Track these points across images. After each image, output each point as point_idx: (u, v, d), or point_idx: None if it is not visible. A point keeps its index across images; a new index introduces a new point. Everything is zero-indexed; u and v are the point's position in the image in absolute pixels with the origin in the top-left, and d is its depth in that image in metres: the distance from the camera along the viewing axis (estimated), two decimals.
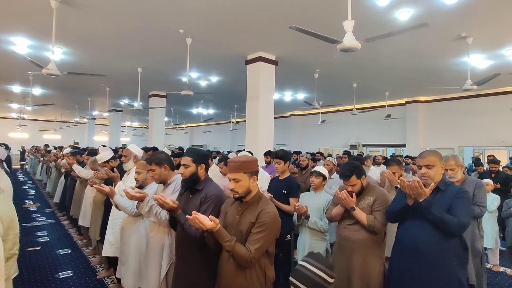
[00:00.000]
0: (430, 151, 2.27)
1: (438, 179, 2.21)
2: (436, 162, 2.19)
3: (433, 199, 2.15)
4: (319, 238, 2.94)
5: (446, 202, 2.13)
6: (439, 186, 2.19)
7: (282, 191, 3.37)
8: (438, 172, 2.19)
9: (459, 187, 2.18)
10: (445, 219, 2.01)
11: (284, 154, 3.44)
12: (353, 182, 2.52)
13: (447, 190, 2.18)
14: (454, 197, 2.12)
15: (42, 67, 4.65)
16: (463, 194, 2.13)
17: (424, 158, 2.21)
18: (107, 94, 10.67)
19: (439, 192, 2.19)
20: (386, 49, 6.47)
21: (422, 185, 2.04)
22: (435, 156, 2.20)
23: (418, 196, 2.05)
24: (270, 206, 1.85)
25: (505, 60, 6.86)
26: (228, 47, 6.50)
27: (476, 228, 3.06)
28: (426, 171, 2.18)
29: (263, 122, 6.72)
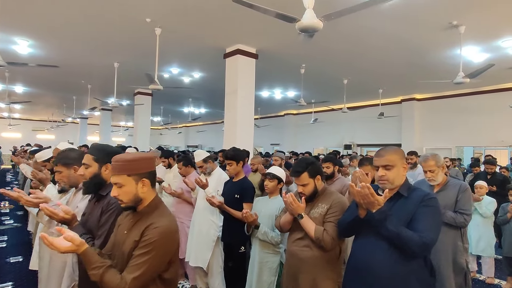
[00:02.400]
0: (389, 148, 1.81)
1: (399, 182, 1.75)
2: (397, 161, 1.74)
3: (391, 208, 1.70)
4: (270, 251, 2.48)
5: (408, 211, 1.68)
6: (400, 192, 1.74)
7: (235, 195, 2.93)
8: (400, 174, 1.74)
9: (425, 193, 1.73)
10: (403, 235, 1.56)
11: (236, 154, 2.99)
12: (304, 181, 2.08)
13: (411, 196, 1.72)
14: (418, 206, 1.66)
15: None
16: (430, 202, 1.67)
17: (382, 157, 1.76)
18: (88, 91, 10.25)
19: (400, 199, 1.74)
20: (373, 42, 6.00)
21: (374, 191, 1.58)
22: (395, 154, 1.75)
23: (370, 205, 1.60)
24: (164, 219, 1.39)
25: (503, 53, 6.37)
26: (204, 39, 6.06)
27: (459, 239, 2.58)
28: (384, 173, 1.73)
29: (241, 120, 6.26)
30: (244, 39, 6.07)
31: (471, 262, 4.30)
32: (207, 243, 3.18)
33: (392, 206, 1.72)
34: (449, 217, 2.53)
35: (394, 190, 1.75)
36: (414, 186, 1.82)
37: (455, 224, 2.52)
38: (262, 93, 11.32)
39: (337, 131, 14.13)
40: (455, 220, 2.51)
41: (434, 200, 1.68)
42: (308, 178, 2.08)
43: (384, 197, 1.60)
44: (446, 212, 2.55)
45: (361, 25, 5.32)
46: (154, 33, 5.48)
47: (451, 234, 2.56)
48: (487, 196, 4.20)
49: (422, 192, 1.73)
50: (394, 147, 1.83)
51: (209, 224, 3.19)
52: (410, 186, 1.78)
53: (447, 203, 2.60)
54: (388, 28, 5.35)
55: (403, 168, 1.76)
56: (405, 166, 1.78)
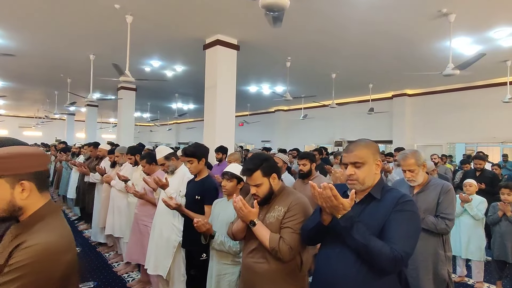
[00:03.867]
0: (360, 141, 1.51)
1: (371, 182, 1.46)
2: (368, 157, 1.45)
3: (361, 213, 1.42)
4: (229, 262, 2.16)
5: (380, 217, 1.38)
6: (371, 194, 1.45)
7: (195, 196, 2.62)
8: (371, 172, 1.45)
9: (400, 195, 1.43)
10: (372, 247, 1.28)
11: (196, 150, 2.66)
12: (256, 181, 1.77)
13: (384, 199, 1.43)
14: (391, 211, 1.37)
15: None
16: (405, 206, 1.37)
17: (351, 152, 1.46)
18: (68, 86, 9.84)
19: (371, 203, 1.44)
20: (360, 33, 5.70)
21: (337, 193, 1.28)
22: (366, 149, 1.46)
23: (334, 210, 1.32)
24: (45, 235, 1.05)
25: (495, 45, 6.10)
26: (181, 28, 5.70)
27: (441, 247, 2.29)
28: (353, 172, 1.45)
29: (221, 115, 5.94)
30: (224, 29, 5.73)
31: (461, 265, 4.06)
32: (167, 249, 2.87)
33: (361, 211, 1.43)
34: (430, 222, 2.24)
35: (365, 191, 1.47)
36: (389, 186, 1.52)
37: (436, 231, 2.23)
38: (250, 88, 10.99)
39: (328, 127, 13.87)
40: (436, 226, 2.22)
41: (410, 204, 1.39)
42: (261, 177, 1.78)
43: (350, 200, 1.31)
44: (426, 217, 2.26)
45: (347, 16, 5.02)
46: (125, 21, 5.11)
47: (432, 242, 2.28)
48: (477, 196, 3.94)
49: (397, 194, 1.43)
50: (366, 140, 1.53)
51: (170, 228, 2.88)
52: (385, 186, 1.49)
53: (428, 206, 2.31)
54: (375, 18, 5.04)
55: (376, 165, 1.47)
56: (379, 163, 1.48)
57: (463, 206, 3.84)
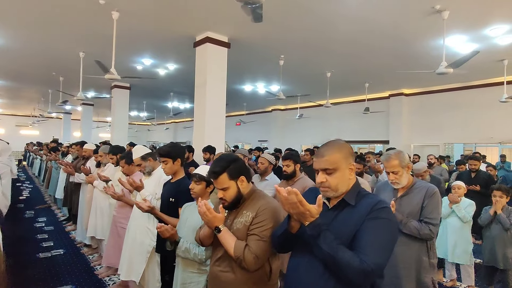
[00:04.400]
0: (331, 144, 1.38)
1: (345, 188, 1.34)
2: (340, 163, 1.32)
3: (333, 221, 1.31)
4: (195, 270, 2.03)
5: (353, 225, 1.27)
6: (345, 199, 1.33)
7: (169, 198, 2.50)
8: (345, 177, 1.33)
9: (376, 201, 1.30)
10: (339, 258, 1.16)
11: (171, 150, 2.54)
12: (223, 184, 1.65)
13: (359, 205, 1.31)
14: (365, 218, 1.25)
15: None
16: (380, 213, 1.25)
17: (321, 158, 1.34)
18: (60, 84, 9.71)
19: (345, 209, 1.32)
20: (354, 31, 5.58)
21: (303, 199, 1.17)
22: (338, 154, 1.33)
23: (301, 217, 1.21)
24: None
25: (491, 44, 5.96)
26: (170, 25, 5.58)
27: (424, 253, 2.17)
28: (324, 179, 1.32)
29: (211, 114, 5.81)
30: (214, 26, 5.60)
31: (450, 269, 3.93)
32: (141, 253, 2.75)
33: (334, 218, 1.32)
34: (413, 227, 2.11)
35: (339, 197, 1.35)
36: (366, 192, 1.40)
37: (419, 236, 2.11)
38: (245, 87, 10.87)
39: (324, 127, 13.74)
40: (419, 231, 2.10)
41: (385, 211, 1.26)
42: (228, 180, 1.65)
43: (317, 207, 1.20)
44: (409, 222, 2.14)
45: (339, 13, 4.90)
46: (112, 18, 4.98)
47: (415, 248, 2.15)
48: (466, 198, 3.81)
49: (372, 200, 1.30)
50: (338, 142, 1.39)
51: (144, 232, 2.76)
52: (361, 191, 1.37)
53: (412, 210, 2.19)
54: (368, 15, 4.92)
55: (350, 169, 1.35)
56: (352, 167, 1.36)
57: (451, 207, 3.72)
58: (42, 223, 6.28)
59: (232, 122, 18.00)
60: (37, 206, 7.65)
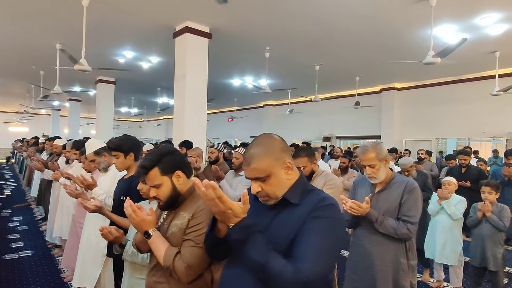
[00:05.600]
0: (255, 148, 1.12)
1: (284, 189, 1.11)
2: (272, 167, 1.08)
3: (272, 222, 1.09)
4: (143, 276, 1.78)
5: (292, 226, 1.04)
6: (286, 198, 1.09)
7: (121, 196, 2.25)
8: (281, 180, 1.10)
9: (320, 197, 1.07)
10: (270, 267, 0.94)
11: (123, 143, 2.29)
12: (154, 181, 1.42)
13: (304, 203, 1.08)
14: (306, 218, 1.02)
15: None
16: (322, 212, 1.02)
17: (248, 166, 1.10)
18: (41, 79, 9.36)
19: (286, 208, 1.09)
20: (340, 21, 5.33)
21: (223, 195, 0.94)
22: (267, 157, 1.09)
23: (224, 218, 0.99)
24: None
25: (481, 34, 5.75)
26: (146, 14, 5.28)
27: (403, 255, 1.94)
28: (259, 188, 1.09)
29: (191, 108, 5.54)
30: (194, 15, 5.32)
31: (438, 269, 3.72)
32: (96, 257, 2.50)
33: (272, 219, 1.09)
34: (389, 226, 1.89)
35: (275, 199, 1.12)
36: (313, 187, 1.16)
37: (397, 236, 1.88)
38: (233, 82, 10.59)
39: (316, 122, 13.53)
40: (396, 230, 1.87)
41: (330, 209, 1.04)
42: (160, 176, 1.42)
43: (243, 204, 0.97)
44: (385, 220, 1.91)
45: (326, 3, 4.67)
46: (81, 4, 4.68)
47: (392, 249, 1.93)
48: (456, 195, 3.59)
49: (316, 197, 1.08)
50: (264, 141, 1.13)
51: (99, 234, 2.50)
52: (307, 187, 1.14)
53: (389, 207, 1.96)
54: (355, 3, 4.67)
55: (286, 168, 1.11)
56: (289, 164, 1.12)
57: (440, 203, 3.51)
58: (17, 222, 6.01)
59: (224, 118, 17.74)
60: (16, 204, 7.37)
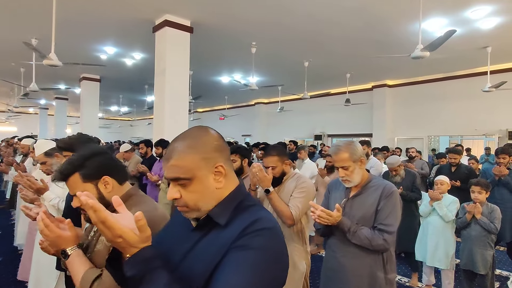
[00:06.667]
0: (183, 137, 0.87)
1: (211, 202, 0.85)
2: (196, 167, 0.83)
3: (195, 246, 0.84)
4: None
5: (212, 257, 0.78)
6: (211, 215, 0.84)
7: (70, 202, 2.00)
8: (208, 189, 0.84)
9: (253, 219, 0.81)
10: None
11: (73, 142, 2.05)
12: (74, 189, 1.19)
13: (234, 224, 0.82)
14: (229, 247, 0.77)
15: None
16: (252, 240, 0.76)
17: (167, 162, 0.85)
18: (22, 76, 9.02)
19: (214, 231, 0.83)
20: (327, 14, 5.11)
21: (108, 219, 0.73)
22: (193, 153, 0.84)
23: (121, 249, 0.77)
24: None
25: (473, 28, 5.57)
26: (122, 5, 5.01)
27: (380, 268, 1.72)
28: (177, 194, 0.83)
29: (171, 105, 5.30)
30: (174, 8, 5.07)
31: (428, 273, 3.53)
32: (50, 269, 2.25)
33: (195, 244, 0.84)
34: (363, 237, 1.67)
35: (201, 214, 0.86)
36: (252, 202, 0.90)
37: (371, 248, 1.67)
38: (222, 79, 10.34)
39: (308, 121, 13.33)
40: (371, 241, 1.65)
41: (261, 236, 0.77)
42: (81, 183, 1.19)
43: (139, 230, 0.74)
44: (359, 230, 1.69)
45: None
46: None
47: (367, 261, 1.71)
48: (449, 195, 3.40)
49: (250, 217, 0.82)
50: (194, 133, 0.88)
51: None
52: (241, 203, 0.87)
53: (364, 214, 1.74)
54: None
55: (216, 173, 0.85)
56: (221, 169, 0.86)
57: (431, 204, 3.32)
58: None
59: (216, 117, 17.47)
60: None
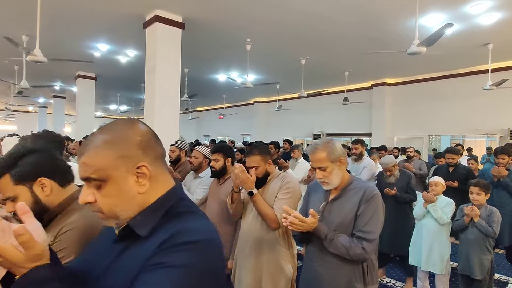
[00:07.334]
0: (115, 123, 0.75)
1: (127, 206, 0.71)
2: (110, 166, 0.69)
3: (117, 259, 0.72)
4: None
5: (130, 276, 0.64)
6: (131, 224, 0.70)
7: None
8: (126, 193, 0.71)
9: (181, 227, 0.67)
10: None
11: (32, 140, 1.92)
12: (6, 192, 1.05)
13: (156, 236, 0.68)
14: (144, 265, 0.63)
15: None
16: (171, 256, 0.63)
17: (85, 147, 0.71)
18: (16, 73, 8.93)
19: (137, 243, 0.69)
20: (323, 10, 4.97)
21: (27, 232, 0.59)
22: (108, 149, 0.70)
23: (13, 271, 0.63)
24: None
25: (474, 24, 5.39)
26: (113, 1, 4.89)
27: (358, 280, 1.58)
28: (91, 198, 0.72)
29: (161, 103, 5.16)
30: (165, 3, 4.93)
31: (422, 279, 3.38)
32: None
33: (116, 257, 0.72)
34: (340, 245, 1.52)
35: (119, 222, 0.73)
36: (188, 209, 0.76)
37: (349, 257, 1.52)
38: (219, 77, 10.20)
39: (307, 120, 13.17)
40: (349, 250, 1.50)
41: (183, 252, 0.64)
42: (13, 186, 1.05)
43: (22, 244, 0.61)
44: (336, 237, 1.55)
45: None
46: None
47: (345, 272, 1.57)
48: (444, 197, 3.25)
49: (175, 227, 0.68)
50: (119, 126, 0.75)
51: None
52: (175, 209, 0.74)
53: (343, 220, 1.60)
54: None
55: (138, 176, 0.72)
56: (145, 170, 0.72)
57: (426, 206, 3.17)
58: None
59: (215, 116, 17.36)
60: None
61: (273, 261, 2.07)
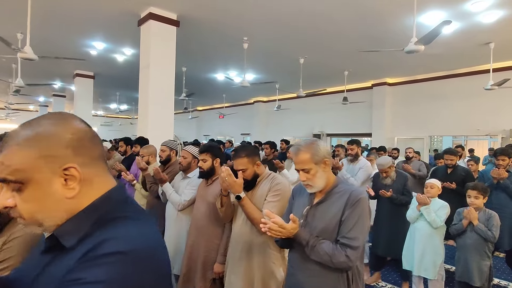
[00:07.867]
0: (44, 117, 0.66)
1: (52, 213, 0.63)
2: (32, 167, 0.62)
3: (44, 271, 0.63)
4: None
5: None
6: (55, 234, 0.65)
7: None
8: (51, 191, 0.62)
9: (107, 237, 0.58)
10: None
11: None
12: None
13: (83, 245, 0.59)
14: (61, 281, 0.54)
15: None
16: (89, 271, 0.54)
17: (4, 144, 0.63)
18: (13, 72, 8.89)
19: (62, 254, 0.62)
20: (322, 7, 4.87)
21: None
22: (28, 148, 0.62)
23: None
24: None
25: (474, 22, 5.27)
26: None
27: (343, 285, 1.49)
28: (11, 202, 0.64)
29: (155, 102, 5.08)
30: (159, 0, 4.85)
31: (417, 283, 3.28)
32: None
33: (42, 270, 0.64)
34: (323, 252, 1.43)
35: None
36: (123, 214, 0.66)
37: (332, 265, 1.43)
38: (217, 76, 10.11)
39: (307, 119, 13.07)
40: (332, 258, 1.41)
41: (107, 263, 0.55)
42: None
43: None
44: (318, 244, 1.45)
45: None
46: None
47: (330, 280, 1.48)
48: (438, 199, 3.15)
49: (101, 236, 0.59)
50: (47, 120, 0.65)
51: None
52: (110, 215, 0.65)
53: (327, 225, 1.51)
54: None
55: (66, 178, 0.64)
56: (75, 173, 0.64)
57: (419, 209, 3.08)
58: None
59: (215, 115, 17.29)
60: None
61: (264, 264, 2.04)
